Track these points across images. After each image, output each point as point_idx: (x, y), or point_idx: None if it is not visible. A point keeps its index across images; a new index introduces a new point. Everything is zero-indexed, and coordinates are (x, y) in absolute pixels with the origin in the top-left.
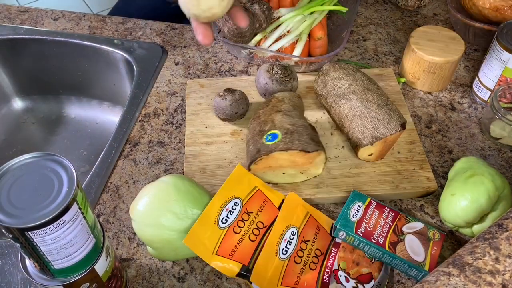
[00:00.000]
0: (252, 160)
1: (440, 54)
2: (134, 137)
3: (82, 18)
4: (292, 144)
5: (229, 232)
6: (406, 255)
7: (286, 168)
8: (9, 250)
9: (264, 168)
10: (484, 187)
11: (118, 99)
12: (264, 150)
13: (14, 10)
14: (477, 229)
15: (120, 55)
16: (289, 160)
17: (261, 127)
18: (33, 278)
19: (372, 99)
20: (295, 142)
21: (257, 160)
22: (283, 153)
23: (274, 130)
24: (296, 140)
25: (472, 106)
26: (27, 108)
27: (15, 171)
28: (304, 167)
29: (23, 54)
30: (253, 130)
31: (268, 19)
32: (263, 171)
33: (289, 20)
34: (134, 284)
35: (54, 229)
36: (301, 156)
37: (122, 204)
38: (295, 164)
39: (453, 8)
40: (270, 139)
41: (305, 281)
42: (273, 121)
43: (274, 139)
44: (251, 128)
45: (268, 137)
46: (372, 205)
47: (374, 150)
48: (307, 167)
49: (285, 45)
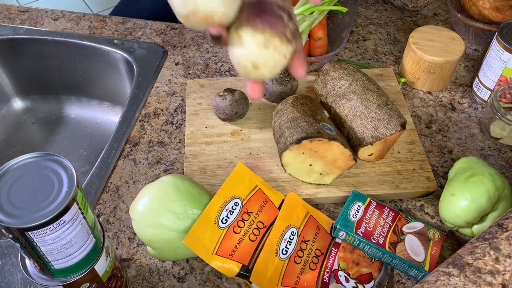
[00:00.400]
0: (310, 136)
1: (440, 54)
2: (134, 137)
3: (82, 18)
4: (347, 146)
5: (229, 232)
6: (406, 255)
7: (320, 162)
8: (9, 250)
9: (310, 150)
10: (484, 187)
11: (118, 99)
12: (326, 135)
13: (14, 10)
14: (477, 229)
15: (120, 55)
16: (335, 157)
17: (312, 113)
18: (33, 278)
19: (372, 99)
20: (347, 145)
21: (316, 139)
22: (340, 148)
23: (328, 124)
24: (348, 145)
25: (472, 106)
26: (27, 108)
27: (15, 171)
28: (333, 170)
29: (23, 54)
30: (304, 111)
31: None
32: (302, 152)
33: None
34: (134, 284)
35: (54, 229)
36: (346, 160)
37: (122, 204)
38: (333, 163)
39: (453, 8)
40: (327, 129)
41: (305, 281)
42: (322, 116)
43: (331, 131)
44: (299, 108)
45: (325, 126)
46: (372, 205)
47: (374, 150)
48: (334, 171)
49: None
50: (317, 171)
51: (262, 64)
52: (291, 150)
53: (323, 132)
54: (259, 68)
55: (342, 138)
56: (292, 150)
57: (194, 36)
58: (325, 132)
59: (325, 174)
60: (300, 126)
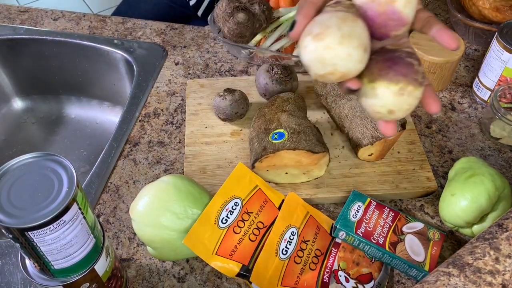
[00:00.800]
0: (257, 158)
1: (440, 54)
2: (134, 137)
3: (82, 18)
4: (299, 144)
5: (229, 232)
6: (406, 255)
7: (290, 168)
8: (9, 250)
9: (268, 166)
10: (484, 187)
11: (118, 99)
12: (270, 148)
13: (14, 10)
14: (477, 229)
15: (120, 55)
16: (295, 159)
17: (266, 125)
18: (33, 278)
19: None
20: (302, 142)
21: (263, 158)
22: (289, 152)
23: (280, 129)
24: (303, 141)
25: (472, 106)
26: (27, 108)
27: (15, 171)
28: (308, 167)
29: (23, 54)
30: (258, 128)
31: (268, 19)
32: (267, 170)
33: (289, 20)
34: (134, 284)
35: (54, 229)
36: (307, 157)
37: (122, 204)
38: (300, 164)
39: (453, 8)
40: (276, 138)
41: (305, 281)
42: (279, 120)
43: (281, 138)
44: (255, 126)
45: (274, 136)
46: (372, 205)
47: (374, 150)
48: (311, 168)
49: (285, 45)
50: (297, 174)
51: (397, 109)
52: (258, 172)
53: (269, 146)
54: (395, 113)
55: (293, 138)
56: (259, 172)
57: (194, 36)
58: (271, 144)
59: (308, 172)
60: (254, 149)
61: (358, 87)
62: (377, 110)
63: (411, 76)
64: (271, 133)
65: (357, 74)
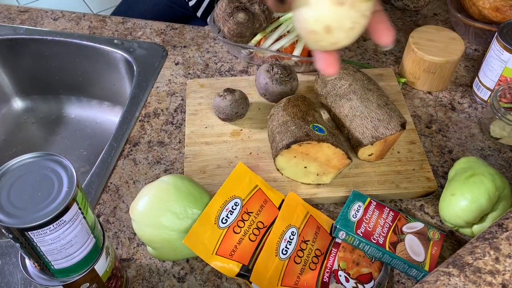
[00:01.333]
0: (298, 140)
1: (440, 54)
2: (134, 137)
3: (82, 18)
4: (340, 145)
5: (229, 232)
6: (406, 255)
7: (314, 163)
8: (9, 250)
9: (301, 153)
10: (484, 187)
11: (118, 99)
12: (315, 137)
13: (14, 10)
14: (477, 229)
15: (120, 55)
16: (328, 157)
17: (303, 115)
18: (33, 278)
19: (372, 99)
20: (340, 143)
21: (304, 142)
22: (330, 148)
23: (319, 124)
24: (340, 143)
25: (472, 106)
26: (27, 108)
27: (15, 171)
28: (329, 169)
29: (23, 54)
30: (294, 114)
31: (268, 19)
32: (294, 156)
33: (289, 20)
34: (134, 284)
35: (54, 229)
36: (340, 159)
37: (122, 204)
38: (327, 163)
39: (453, 8)
40: (317, 130)
41: (305, 281)
42: (314, 116)
43: (321, 132)
44: (289, 112)
45: (315, 127)
46: (372, 205)
47: (374, 150)
48: (331, 170)
49: (285, 45)
50: (313, 172)
51: (337, 26)
52: (283, 155)
53: (312, 134)
54: (333, 32)
55: (333, 138)
56: (283, 155)
57: (194, 36)
58: (314, 134)
59: (322, 175)
60: (290, 130)
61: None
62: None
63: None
64: (311, 124)
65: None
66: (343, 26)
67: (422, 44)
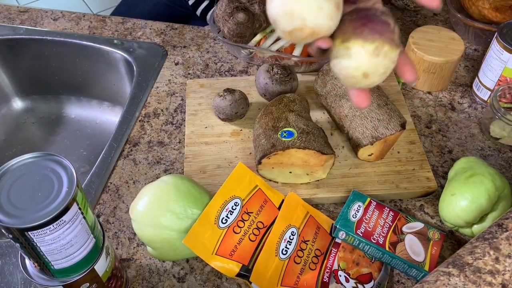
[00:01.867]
0: (266, 154)
1: (440, 54)
2: (134, 137)
3: (82, 18)
4: (309, 144)
5: (229, 232)
6: (406, 255)
7: (295, 167)
8: (9, 250)
9: (275, 164)
10: (484, 187)
11: (118, 99)
12: (280, 146)
13: (14, 10)
14: (477, 229)
15: (120, 55)
16: (303, 159)
17: (274, 123)
18: (33, 278)
19: (372, 99)
20: (311, 142)
21: (271, 155)
22: (299, 151)
23: (289, 128)
24: (313, 141)
25: (472, 106)
26: (27, 108)
27: (15, 171)
28: (314, 168)
29: (23, 54)
30: (265, 125)
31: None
32: (272, 167)
33: None
34: (134, 284)
35: (54, 229)
36: (316, 157)
37: (122, 204)
38: (306, 165)
39: (453, 8)
40: (285, 136)
41: (305, 281)
42: (287, 119)
43: (290, 136)
44: (262, 123)
45: (283, 134)
46: (372, 205)
47: (374, 150)
48: (316, 169)
49: (285, 45)
50: (301, 174)
51: (373, 72)
52: (262, 169)
53: (278, 143)
54: (369, 77)
55: (303, 138)
56: (262, 169)
57: (194, 36)
58: (280, 142)
59: (312, 173)
60: (260, 145)
61: (329, 45)
62: (351, 74)
63: (387, 35)
64: (280, 130)
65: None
66: (377, 72)
67: (422, 44)
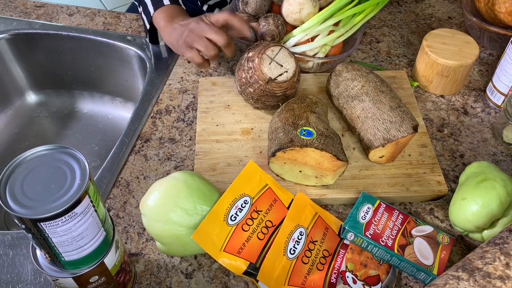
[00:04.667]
0: (283, 147)
1: (453, 58)
2: (145, 133)
3: (96, 14)
4: (327, 147)
5: (237, 229)
6: (415, 259)
7: (307, 167)
8: (20, 241)
9: (288, 159)
10: (495, 192)
11: (130, 95)
12: (298, 142)
13: (30, 5)
14: (487, 235)
15: (134, 51)
16: (317, 161)
17: (295, 119)
18: (43, 269)
19: (385, 101)
20: (329, 146)
21: (288, 149)
22: (316, 152)
23: (309, 127)
24: (330, 145)
25: (485, 110)
26: (41, 102)
27: (29, 163)
28: (325, 172)
29: (37, 48)
30: (285, 120)
31: (282, 33)
32: (284, 162)
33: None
34: (142, 279)
35: (65, 221)
36: (330, 161)
37: (132, 199)
38: (319, 167)
39: (468, 11)
40: (304, 134)
41: (312, 281)
42: (308, 119)
43: (309, 136)
44: (282, 117)
45: (303, 132)
46: (381, 208)
47: (385, 152)
48: (327, 173)
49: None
50: (310, 175)
51: None
52: (273, 163)
53: (297, 140)
54: None
55: (322, 140)
56: (274, 162)
57: None
58: (299, 139)
59: (321, 177)
60: (277, 138)
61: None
62: None
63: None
64: (299, 128)
65: None
66: None
67: (436, 47)
